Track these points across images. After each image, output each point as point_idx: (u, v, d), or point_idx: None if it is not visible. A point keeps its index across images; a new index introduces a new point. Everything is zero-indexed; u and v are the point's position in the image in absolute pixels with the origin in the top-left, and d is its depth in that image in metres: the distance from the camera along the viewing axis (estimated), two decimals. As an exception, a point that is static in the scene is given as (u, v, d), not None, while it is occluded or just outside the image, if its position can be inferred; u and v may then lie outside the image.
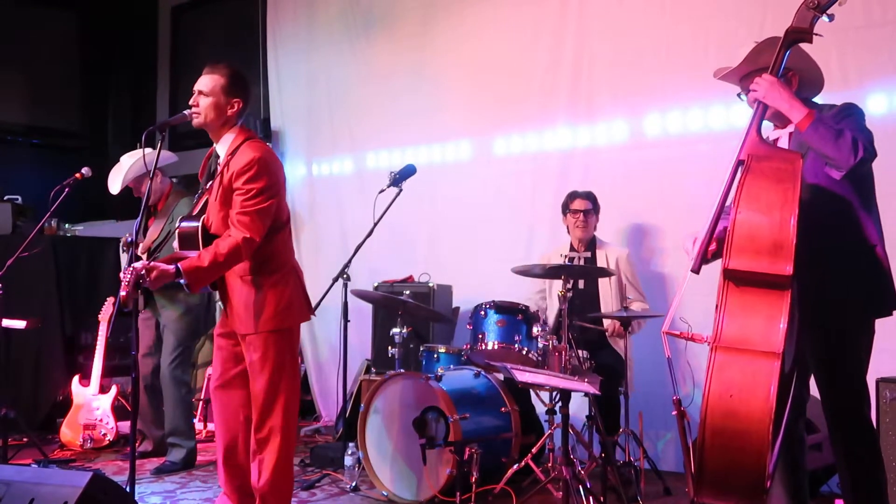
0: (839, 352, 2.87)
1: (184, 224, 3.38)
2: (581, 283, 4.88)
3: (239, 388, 3.47)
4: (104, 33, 8.47)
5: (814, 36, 2.76)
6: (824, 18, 2.74)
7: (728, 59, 4.82)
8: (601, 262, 4.82)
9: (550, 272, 4.35)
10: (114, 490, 2.76)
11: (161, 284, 3.18)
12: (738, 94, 3.08)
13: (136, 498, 3.37)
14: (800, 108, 2.78)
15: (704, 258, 2.78)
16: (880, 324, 2.93)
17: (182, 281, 3.18)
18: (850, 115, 2.85)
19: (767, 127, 3.14)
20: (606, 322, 4.74)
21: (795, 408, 2.94)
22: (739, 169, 2.70)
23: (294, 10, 6.99)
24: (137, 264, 3.14)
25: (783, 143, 3.03)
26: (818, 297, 2.78)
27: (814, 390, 3.05)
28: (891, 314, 2.92)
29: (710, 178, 4.69)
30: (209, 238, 3.32)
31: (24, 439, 5.23)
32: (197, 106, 3.35)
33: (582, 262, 4.87)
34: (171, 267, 3.17)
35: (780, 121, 3.05)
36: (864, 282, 2.87)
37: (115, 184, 4.90)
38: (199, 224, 3.35)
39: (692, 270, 2.77)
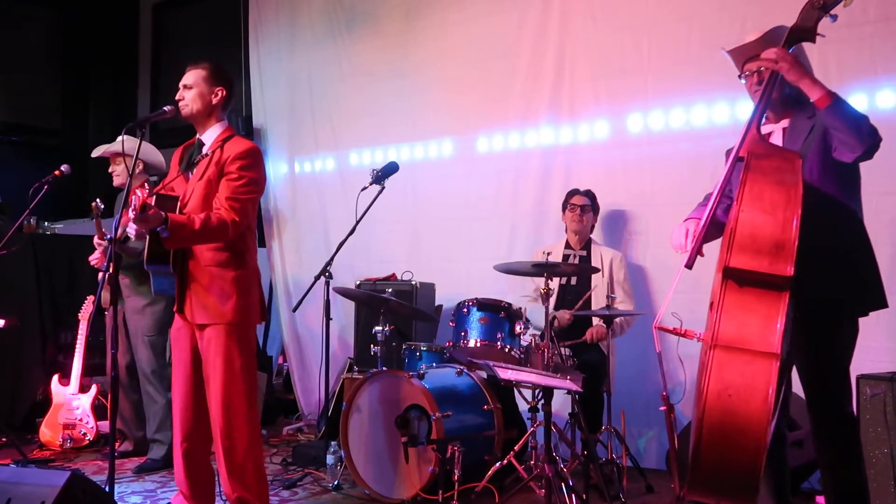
0: (825, 350, 2.86)
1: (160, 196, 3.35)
2: (574, 280, 4.90)
3: (193, 384, 3.44)
4: (85, 31, 8.39)
5: (817, 36, 2.74)
6: (828, 18, 2.72)
7: (710, 57, 4.85)
8: (595, 262, 4.84)
9: (532, 269, 4.35)
10: (92, 489, 2.74)
11: (148, 225, 3.12)
12: (739, 76, 3.00)
13: (116, 498, 3.35)
14: (821, 84, 2.74)
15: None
16: (861, 322, 2.93)
17: (164, 233, 3.14)
18: None
19: None
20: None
21: (780, 406, 2.95)
22: (738, 165, 2.66)
23: (276, 7, 6.95)
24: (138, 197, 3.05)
25: (777, 138, 2.98)
26: (804, 296, 2.74)
27: (796, 387, 3.06)
28: (871, 311, 2.92)
29: (692, 175, 4.76)
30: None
31: (3, 439, 5.20)
32: (182, 99, 3.43)
33: (577, 260, 4.88)
34: (162, 213, 3.12)
35: (776, 113, 3.00)
36: (849, 280, 2.85)
37: (99, 150, 4.95)
38: (177, 199, 3.36)
39: (686, 266, 2.72)
